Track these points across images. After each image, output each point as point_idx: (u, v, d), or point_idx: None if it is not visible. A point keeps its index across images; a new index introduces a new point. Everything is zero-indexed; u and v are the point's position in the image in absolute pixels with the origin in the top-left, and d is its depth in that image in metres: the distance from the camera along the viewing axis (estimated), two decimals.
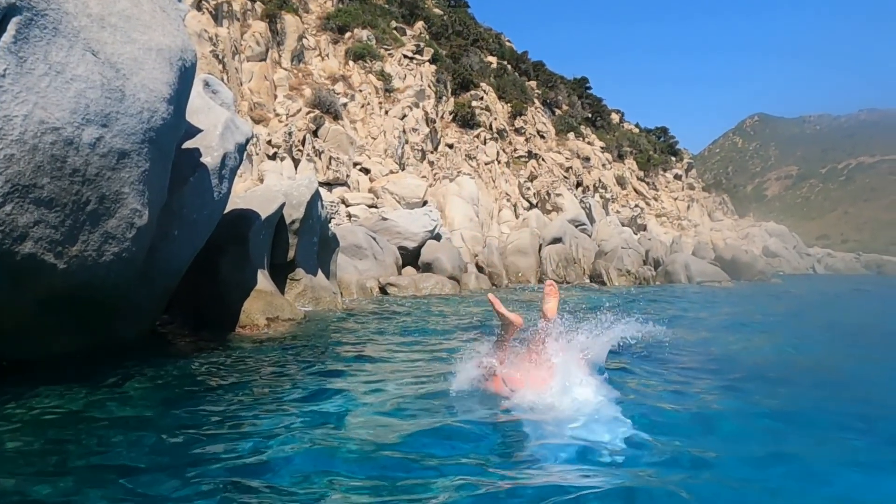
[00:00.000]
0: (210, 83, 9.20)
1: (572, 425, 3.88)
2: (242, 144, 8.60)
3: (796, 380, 5.97)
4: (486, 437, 3.82)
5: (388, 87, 29.47)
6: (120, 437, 3.85)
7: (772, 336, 9.22)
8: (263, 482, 3.15)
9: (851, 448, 3.83)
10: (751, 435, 4.06)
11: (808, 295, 20.41)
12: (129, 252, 5.72)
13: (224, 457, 3.48)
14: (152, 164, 5.84)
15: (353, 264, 15.82)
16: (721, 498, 3.06)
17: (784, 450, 3.73)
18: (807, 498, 3.11)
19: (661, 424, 4.08)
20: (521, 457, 3.53)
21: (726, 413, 4.50)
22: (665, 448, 3.61)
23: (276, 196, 10.38)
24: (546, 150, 37.74)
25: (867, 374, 6.45)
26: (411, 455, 3.49)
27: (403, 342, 7.43)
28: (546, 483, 3.12)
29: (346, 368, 5.86)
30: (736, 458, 3.56)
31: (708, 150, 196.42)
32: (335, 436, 3.84)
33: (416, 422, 4.12)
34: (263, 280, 9.48)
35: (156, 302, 7.06)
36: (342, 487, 3.07)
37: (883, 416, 4.55)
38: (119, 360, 5.94)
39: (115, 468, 3.34)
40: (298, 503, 2.93)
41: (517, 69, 44.56)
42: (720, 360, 6.68)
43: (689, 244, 34.42)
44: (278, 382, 5.28)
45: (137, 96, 5.68)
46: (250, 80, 24.42)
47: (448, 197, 25.93)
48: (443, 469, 3.31)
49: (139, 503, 2.95)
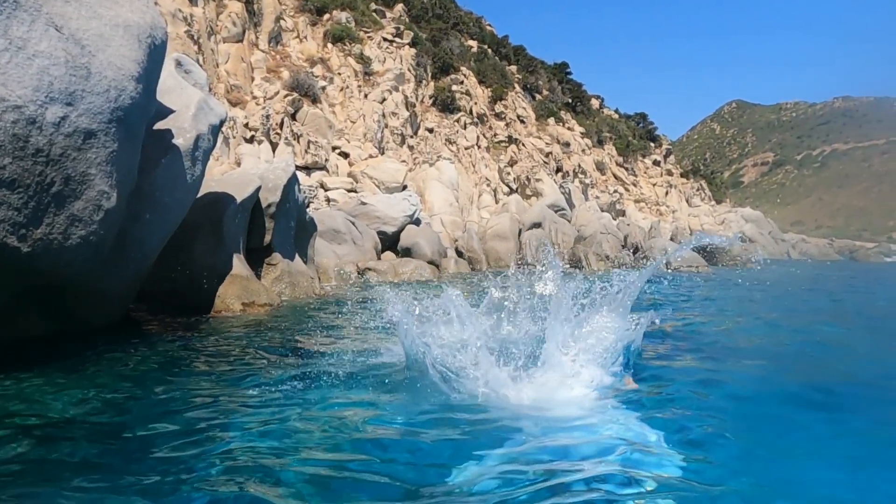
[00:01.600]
0: (182, 62, 8.97)
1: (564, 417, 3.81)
2: (216, 126, 8.40)
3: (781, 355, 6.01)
4: (459, 427, 3.76)
5: (367, 70, 29.14)
6: (75, 424, 3.74)
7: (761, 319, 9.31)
8: (213, 468, 3.07)
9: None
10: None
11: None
12: (97, 235, 5.56)
13: (179, 446, 3.40)
14: (120, 145, 5.66)
15: (332, 249, 15.67)
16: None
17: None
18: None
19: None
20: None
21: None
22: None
23: (251, 179, 10.20)
24: (526, 136, 37.68)
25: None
26: (367, 445, 3.43)
27: (378, 327, 7.35)
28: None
29: (320, 354, 5.77)
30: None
31: (686, 137, 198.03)
32: (301, 421, 3.77)
33: (380, 409, 4.06)
34: (239, 264, 9.32)
35: (127, 287, 6.90)
36: (297, 478, 2.99)
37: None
38: (86, 346, 5.80)
39: (63, 458, 3.23)
40: (255, 487, 2.86)
41: (497, 53, 44.34)
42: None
43: (667, 230, 34.72)
44: (248, 368, 5.18)
45: (104, 74, 5.48)
46: (226, 61, 23.96)
47: (428, 181, 25.81)
48: (398, 459, 3.26)
49: (93, 489, 2.85)
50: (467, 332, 4.48)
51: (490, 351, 4.27)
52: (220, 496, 2.78)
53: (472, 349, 4.22)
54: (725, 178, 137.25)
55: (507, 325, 5.51)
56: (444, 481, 3.01)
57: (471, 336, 4.35)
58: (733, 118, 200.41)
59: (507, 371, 4.29)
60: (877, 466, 3.30)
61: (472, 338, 4.31)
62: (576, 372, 4.32)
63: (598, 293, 4.91)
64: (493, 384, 4.12)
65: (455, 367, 4.23)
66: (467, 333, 4.46)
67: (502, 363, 4.33)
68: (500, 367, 4.27)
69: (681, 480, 3.05)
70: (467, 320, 4.59)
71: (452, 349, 4.31)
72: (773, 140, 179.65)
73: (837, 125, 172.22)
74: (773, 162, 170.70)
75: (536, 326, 5.12)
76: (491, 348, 4.34)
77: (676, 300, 11.81)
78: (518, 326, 5.41)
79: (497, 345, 4.58)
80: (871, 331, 8.87)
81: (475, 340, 4.26)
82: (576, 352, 4.41)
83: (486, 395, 4.09)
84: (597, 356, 4.45)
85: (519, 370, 4.33)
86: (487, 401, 4.05)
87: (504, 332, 5.37)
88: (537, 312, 5.22)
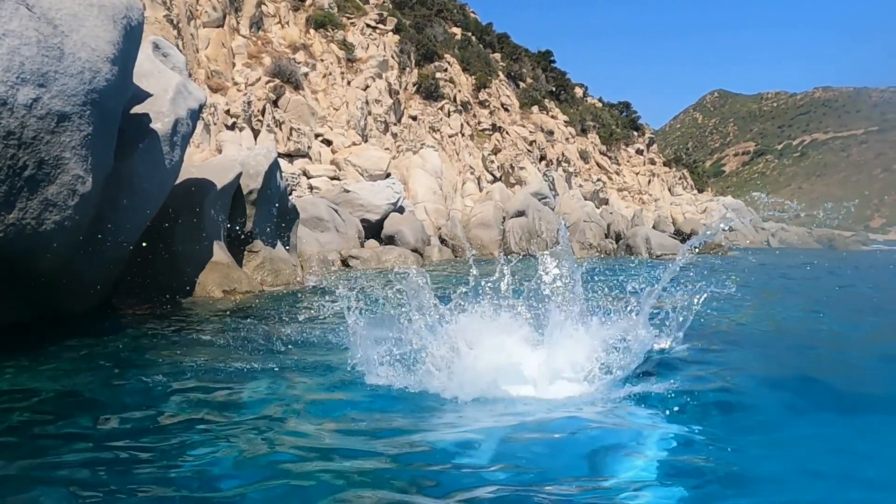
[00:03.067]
0: (160, 45, 8.79)
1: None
2: (195, 110, 8.26)
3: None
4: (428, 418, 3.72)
5: (350, 56, 28.85)
6: (45, 411, 3.67)
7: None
8: (173, 451, 3.03)
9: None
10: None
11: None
12: (72, 221, 5.44)
13: (146, 432, 3.36)
14: (96, 128, 5.53)
15: (315, 237, 15.56)
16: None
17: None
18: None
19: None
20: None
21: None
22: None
23: (232, 165, 10.06)
24: (510, 124, 37.62)
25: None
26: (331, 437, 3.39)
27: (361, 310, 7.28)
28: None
29: (299, 343, 5.70)
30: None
31: (669, 126, 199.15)
32: (274, 410, 3.73)
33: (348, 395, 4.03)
34: (220, 252, 9.22)
35: (104, 273, 6.77)
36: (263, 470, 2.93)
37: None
38: (61, 332, 5.70)
39: (29, 445, 3.17)
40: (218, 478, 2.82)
41: (481, 41, 44.12)
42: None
43: (650, 218, 34.95)
44: (225, 357, 5.09)
45: (78, 55, 5.35)
46: (207, 47, 23.56)
47: (411, 169, 25.70)
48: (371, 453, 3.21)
49: (57, 474, 2.80)
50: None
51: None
52: (182, 483, 2.74)
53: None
54: (707, 167, 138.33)
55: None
56: (430, 468, 2.99)
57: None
58: (715, 108, 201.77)
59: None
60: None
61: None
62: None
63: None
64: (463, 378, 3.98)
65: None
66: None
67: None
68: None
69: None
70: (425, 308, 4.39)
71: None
72: (754, 130, 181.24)
73: (817, 115, 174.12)
74: (754, 151, 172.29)
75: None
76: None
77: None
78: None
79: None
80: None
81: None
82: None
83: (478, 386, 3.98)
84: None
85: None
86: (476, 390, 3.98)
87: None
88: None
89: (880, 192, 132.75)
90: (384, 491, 2.68)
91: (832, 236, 50.11)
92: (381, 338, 4.46)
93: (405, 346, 4.30)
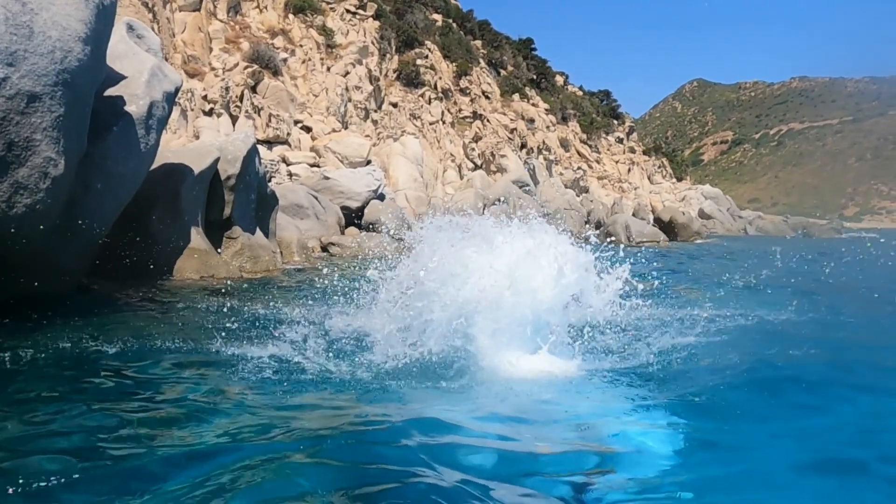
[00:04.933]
0: (134, 27, 8.61)
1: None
2: (171, 93, 8.11)
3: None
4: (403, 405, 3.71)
5: (329, 42, 28.53)
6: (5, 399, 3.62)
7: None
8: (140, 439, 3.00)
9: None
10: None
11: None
12: (44, 204, 5.32)
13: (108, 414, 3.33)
14: (67, 110, 5.40)
15: (295, 224, 15.42)
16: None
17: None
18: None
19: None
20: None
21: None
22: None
23: (209, 150, 9.92)
24: (491, 112, 37.54)
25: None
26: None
27: (334, 303, 7.22)
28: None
29: (274, 329, 5.61)
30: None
31: (649, 115, 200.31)
32: (250, 392, 3.71)
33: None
34: (197, 238, 9.10)
35: (78, 258, 6.65)
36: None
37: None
38: (32, 317, 5.56)
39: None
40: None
41: (462, 28, 43.86)
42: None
43: (630, 206, 35.18)
44: (198, 342, 4.99)
45: (48, 34, 5.21)
46: (183, 31, 23.13)
47: (392, 157, 25.56)
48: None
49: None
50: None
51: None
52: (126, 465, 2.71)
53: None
54: (686, 156, 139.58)
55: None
56: (414, 450, 2.98)
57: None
58: (694, 97, 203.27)
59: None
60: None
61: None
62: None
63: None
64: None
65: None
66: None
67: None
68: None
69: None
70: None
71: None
72: (732, 119, 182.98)
73: (794, 104, 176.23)
74: (731, 141, 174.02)
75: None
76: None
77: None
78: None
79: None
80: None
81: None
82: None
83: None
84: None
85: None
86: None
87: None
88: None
89: (854, 181, 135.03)
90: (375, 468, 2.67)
91: (807, 225, 50.87)
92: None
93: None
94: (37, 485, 2.46)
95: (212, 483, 2.52)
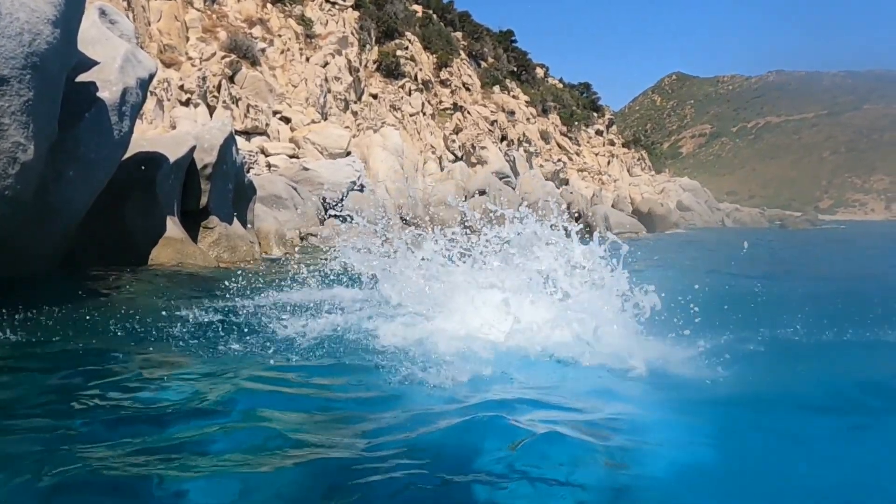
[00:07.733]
0: (107, 12, 8.46)
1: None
2: (146, 80, 7.99)
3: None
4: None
5: (308, 32, 28.29)
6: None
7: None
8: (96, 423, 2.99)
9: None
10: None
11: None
12: (14, 190, 5.23)
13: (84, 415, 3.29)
14: (37, 94, 5.31)
15: (273, 215, 15.30)
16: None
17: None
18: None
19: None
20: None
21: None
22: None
23: (185, 139, 9.81)
24: (471, 103, 37.52)
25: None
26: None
27: (310, 293, 7.17)
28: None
29: (247, 319, 5.56)
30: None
31: (628, 108, 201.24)
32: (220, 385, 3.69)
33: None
34: (173, 227, 9.01)
35: (51, 245, 6.55)
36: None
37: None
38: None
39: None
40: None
41: (443, 19, 43.72)
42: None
43: (609, 198, 35.42)
44: (169, 331, 4.93)
45: (16, 16, 5.11)
46: (159, 19, 22.78)
47: (372, 148, 25.46)
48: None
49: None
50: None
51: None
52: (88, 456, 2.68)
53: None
54: (665, 148, 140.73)
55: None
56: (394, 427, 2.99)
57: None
58: (673, 90, 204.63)
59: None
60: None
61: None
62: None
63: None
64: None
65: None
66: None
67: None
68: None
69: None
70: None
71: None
72: (710, 112, 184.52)
73: (771, 98, 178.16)
74: (710, 134, 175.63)
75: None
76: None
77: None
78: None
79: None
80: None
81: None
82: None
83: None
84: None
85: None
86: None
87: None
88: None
89: (829, 175, 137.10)
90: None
91: (783, 217, 51.67)
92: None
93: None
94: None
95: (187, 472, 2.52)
